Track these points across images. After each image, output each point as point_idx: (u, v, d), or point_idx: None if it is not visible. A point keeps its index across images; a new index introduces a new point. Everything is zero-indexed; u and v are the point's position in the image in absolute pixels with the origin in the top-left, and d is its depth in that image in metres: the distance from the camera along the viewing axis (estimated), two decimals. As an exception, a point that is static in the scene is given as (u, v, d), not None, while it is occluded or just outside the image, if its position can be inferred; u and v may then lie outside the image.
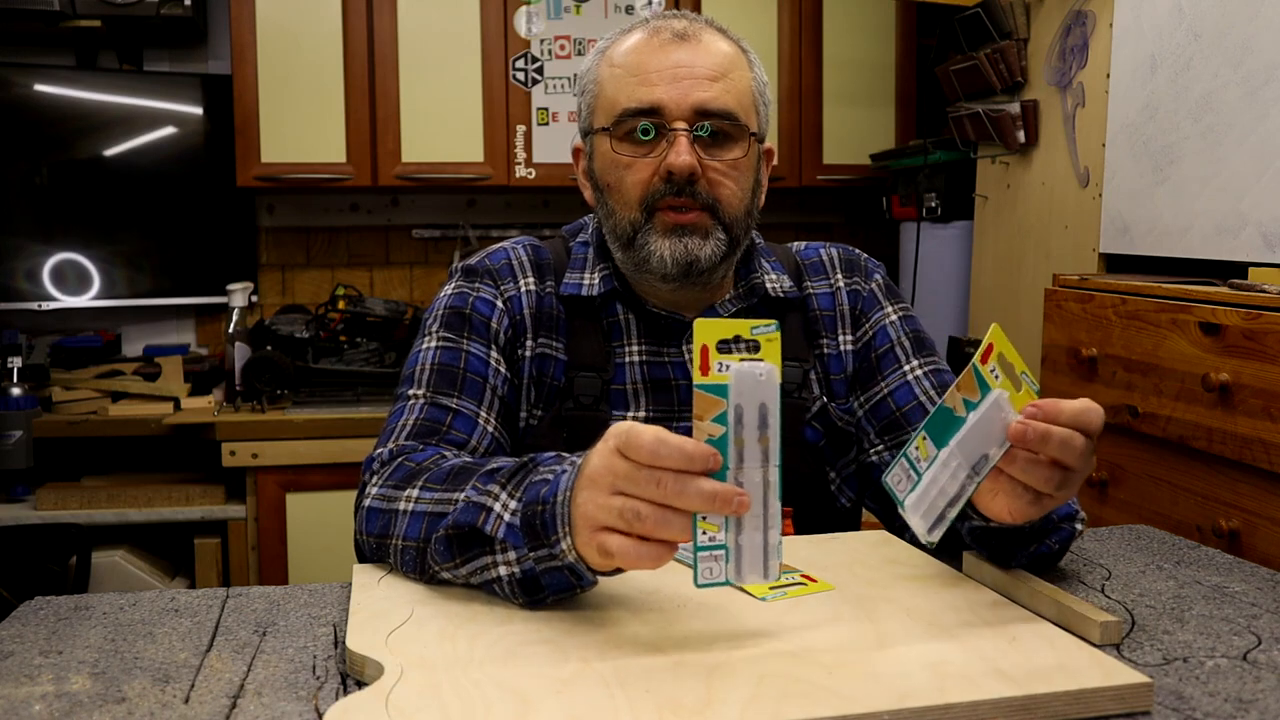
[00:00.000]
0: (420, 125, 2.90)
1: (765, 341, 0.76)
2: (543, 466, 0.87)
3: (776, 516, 0.76)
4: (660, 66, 1.10)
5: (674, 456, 0.73)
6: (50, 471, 2.73)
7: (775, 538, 0.76)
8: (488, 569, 0.87)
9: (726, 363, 0.75)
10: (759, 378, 0.75)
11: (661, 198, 1.10)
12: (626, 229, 1.13)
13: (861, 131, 3.13)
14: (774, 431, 0.76)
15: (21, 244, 2.87)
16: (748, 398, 0.75)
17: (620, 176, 1.12)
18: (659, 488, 0.74)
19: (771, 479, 0.76)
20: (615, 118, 1.12)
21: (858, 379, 1.23)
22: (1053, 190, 2.31)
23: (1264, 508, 1.48)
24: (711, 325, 0.76)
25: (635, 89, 1.11)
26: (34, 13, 2.68)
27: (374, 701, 0.69)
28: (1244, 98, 1.73)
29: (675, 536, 0.75)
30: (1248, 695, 0.74)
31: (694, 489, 0.73)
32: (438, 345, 1.15)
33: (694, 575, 0.76)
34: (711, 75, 1.10)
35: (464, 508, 0.88)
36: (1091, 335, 1.83)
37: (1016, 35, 2.39)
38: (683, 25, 1.13)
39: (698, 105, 1.09)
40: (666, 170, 1.09)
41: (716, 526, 0.75)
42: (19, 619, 0.90)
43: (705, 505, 0.74)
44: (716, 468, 0.74)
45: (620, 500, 0.76)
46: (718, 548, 0.76)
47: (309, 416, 2.66)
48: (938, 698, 0.69)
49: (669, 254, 1.11)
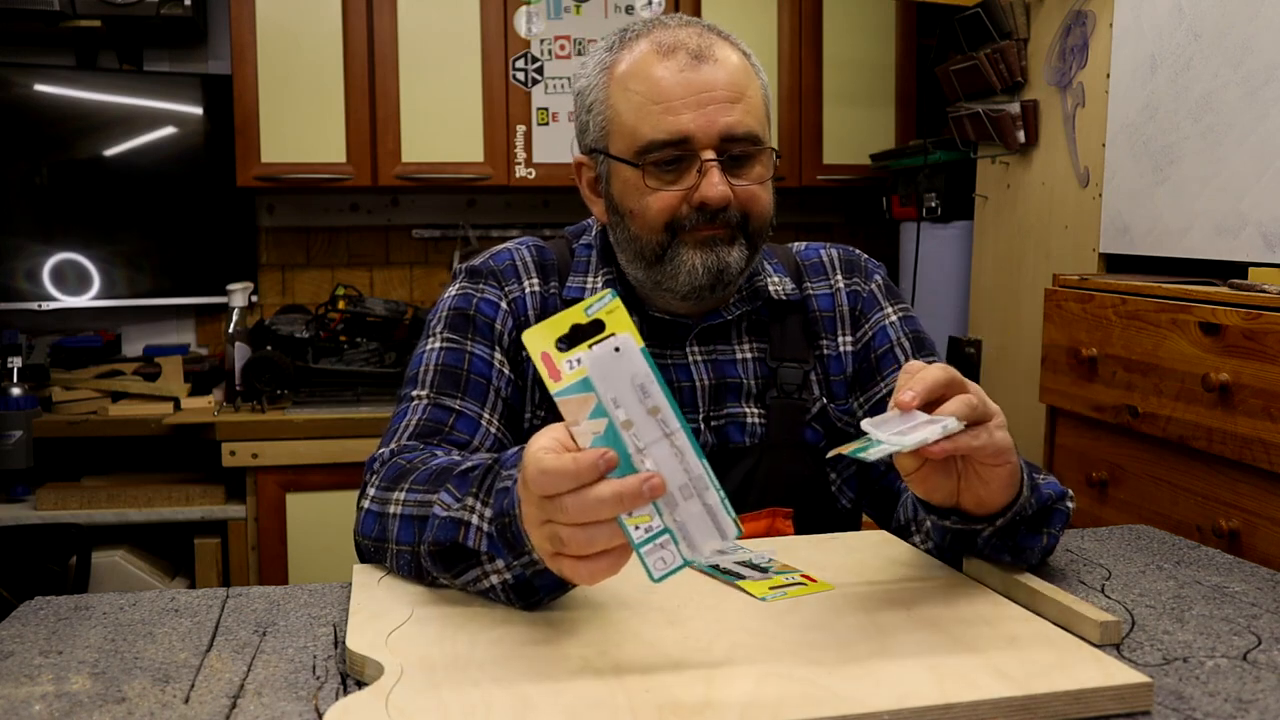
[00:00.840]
0: (420, 125, 2.90)
1: (607, 314, 0.73)
2: (504, 470, 0.85)
3: (704, 477, 0.72)
4: (683, 94, 1.08)
5: (562, 481, 0.71)
6: (50, 471, 2.73)
7: (714, 497, 0.72)
8: (480, 579, 0.87)
9: (576, 357, 0.72)
10: (616, 353, 0.72)
11: (693, 225, 1.10)
12: (654, 250, 1.12)
13: (861, 131, 3.13)
14: (659, 398, 0.72)
15: (21, 244, 2.87)
16: (615, 379, 0.72)
17: (643, 203, 1.11)
18: (565, 513, 0.72)
19: (680, 444, 0.72)
20: (640, 148, 1.10)
21: (858, 379, 1.23)
22: (1053, 190, 2.31)
23: (1264, 508, 1.48)
24: (540, 331, 0.73)
25: (660, 118, 1.08)
26: (34, 13, 2.68)
27: (374, 701, 0.69)
28: (1244, 98, 1.73)
29: (605, 546, 0.73)
30: (1248, 695, 0.74)
31: (594, 499, 0.71)
32: (441, 346, 1.15)
33: (647, 574, 0.72)
34: (731, 97, 1.09)
35: (443, 524, 0.88)
36: (1091, 335, 1.83)
37: (1016, 35, 2.39)
38: (695, 42, 1.10)
39: (724, 132, 1.08)
40: (700, 201, 1.08)
41: (648, 516, 0.72)
42: (19, 619, 0.90)
43: (616, 508, 0.71)
44: (612, 467, 0.71)
45: (547, 528, 0.75)
46: (659, 535, 0.72)
47: (309, 416, 2.66)
48: (938, 698, 0.69)
49: (700, 263, 1.10)
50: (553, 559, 0.77)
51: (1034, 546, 0.96)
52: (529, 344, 0.73)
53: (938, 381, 0.84)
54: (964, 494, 0.90)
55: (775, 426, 1.18)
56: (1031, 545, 0.96)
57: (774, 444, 1.18)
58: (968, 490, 0.89)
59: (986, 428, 0.85)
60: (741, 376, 1.19)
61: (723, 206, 1.09)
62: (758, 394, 1.19)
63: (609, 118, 1.13)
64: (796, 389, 1.19)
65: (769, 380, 1.20)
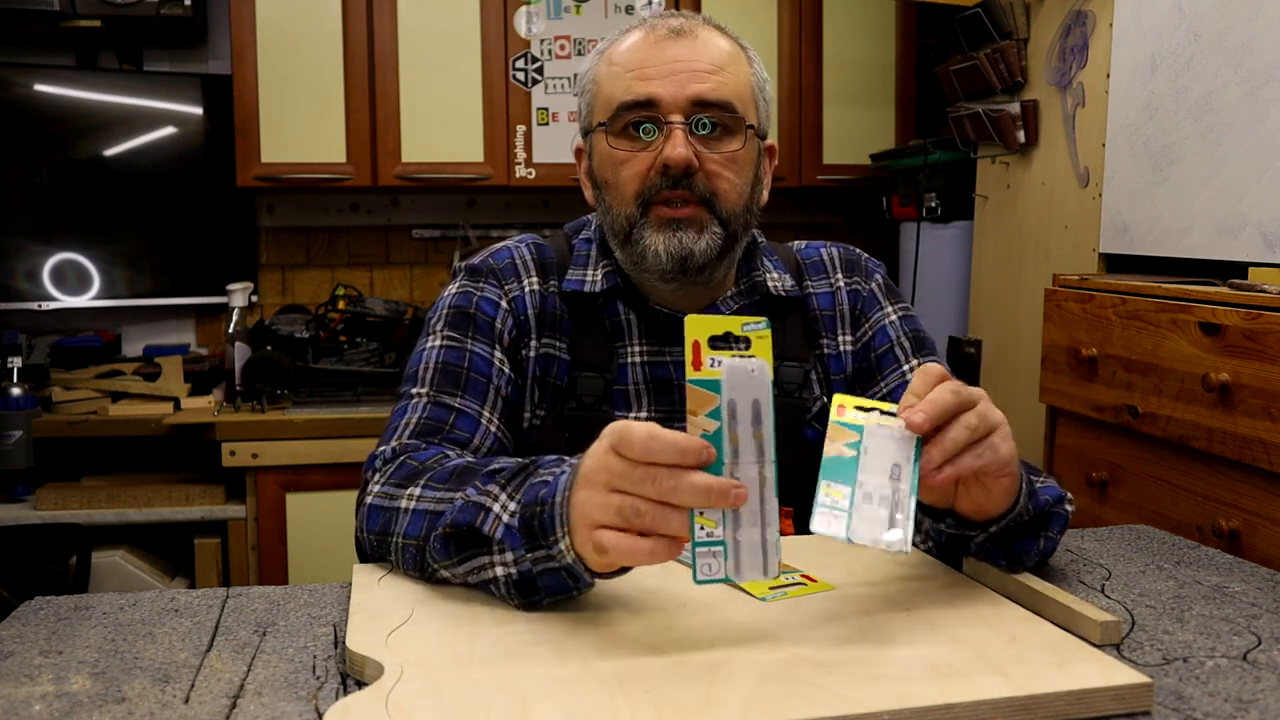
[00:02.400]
0: (420, 125, 2.90)
1: (756, 339, 0.77)
2: (543, 469, 0.87)
3: (774, 514, 0.76)
4: (656, 61, 1.10)
5: (667, 452, 0.73)
6: (50, 471, 2.73)
7: (773, 535, 0.76)
8: (485, 569, 0.87)
9: (718, 358, 0.75)
10: (751, 373, 0.75)
11: (658, 191, 1.10)
12: (623, 225, 1.13)
13: (861, 131, 3.13)
14: (768, 428, 0.76)
15: (21, 244, 2.87)
16: (740, 393, 0.75)
17: (617, 172, 1.12)
18: (654, 484, 0.74)
19: (767, 475, 0.76)
20: (611, 112, 1.12)
21: (857, 379, 1.23)
22: (1053, 190, 2.31)
23: (1264, 508, 1.48)
24: (703, 321, 0.76)
25: (631, 84, 1.11)
26: (34, 13, 2.68)
27: (374, 701, 0.69)
28: (1244, 98, 1.73)
29: (674, 531, 0.75)
30: (1248, 695, 0.74)
31: (688, 483, 0.73)
32: (442, 344, 1.15)
33: (693, 572, 0.75)
34: (709, 69, 1.11)
35: (463, 506, 0.88)
36: (1091, 335, 1.83)
37: (1016, 35, 2.39)
38: (680, 22, 1.13)
39: (694, 97, 1.09)
40: (663, 164, 1.09)
41: (714, 522, 0.75)
42: (19, 619, 0.90)
43: (700, 499, 0.73)
44: (710, 461, 0.74)
45: (618, 498, 0.76)
46: (716, 544, 0.75)
47: (309, 416, 2.66)
48: (938, 698, 0.69)
49: (663, 248, 1.10)
50: (596, 531, 0.77)
51: (1030, 551, 0.96)
52: (689, 327, 0.76)
53: (947, 407, 0.82)
54: (962, 499, 0.90)
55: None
56: (1027, 549, 0.95)
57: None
58: (966, 496, 0.89)
59: (990, 443, 0.84)
60: None
61: (684, 171, 1.09)
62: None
63: (594, 93, 1.16)
64: (797, 388, 1.19)
65: (769, 379, 1.20)
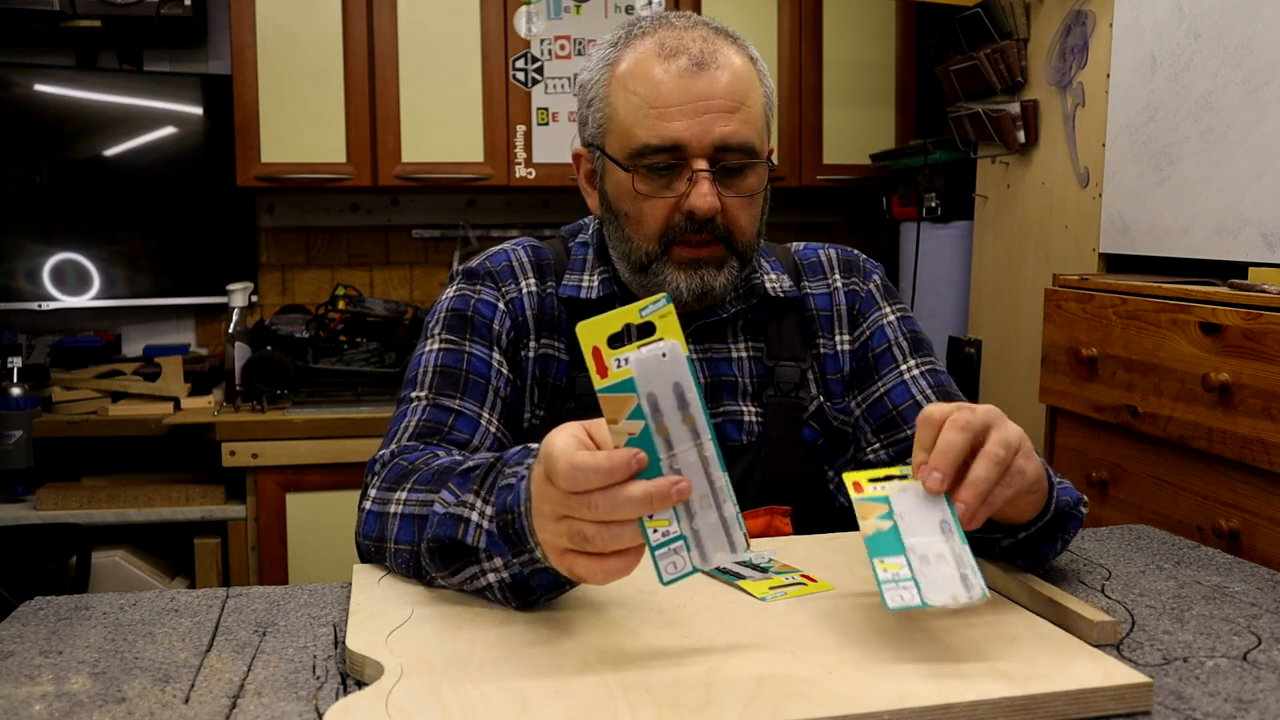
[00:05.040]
0: (420, 125, 2.90)
1: (659, 319, 0.73)
2: (508, 468, 0.85)
3: (725, 490, 0.74)
4: (680, 100, 1.07)
5: (594, 478, 0.71)
6: (50, 471, 2.73)
7: (730, 510, 0.74)
8: (477, 577, 0.87)
9: (624, 356, 0.72)
10: (663, 358, 0.72)
11: (682, 233, 1.10)
12: (641, 258, 1.13)
13: (861, 131, 3.13)
14: (696, 406, 0.73)
15: (21, 244, 2.87)
16: (658, 383, 0.72)
17: (639, 210, 1.11)
18: (591, 509, 0.72)
19: (708, 454, 0.73)
20: (633, 151, 1.10)
21: (855, 379, 1.23)
22: (1053, 190, 2.31)
23: (1264, 508, 1.48)
24: (595, 325, 0.73)
25: (655, 123, 1.08)
26: (34, 13, 2.68)
27: (374, 701, 0.69)
28: (1244, 98, 1.73)
29: (626, 545, 0.73)
30: (1248, 695, 0.74)
31: (625, 498, 0.71)
32: (440, 347, 1.15)
33: (657, 575, 0.73)
34: (729, 106, 1.08)
35: (443, 520, 0.88)
36: (1091, 335, 1.83)
37: (1016, 35, 2.39)
38: (699, 47, 1.09)
39: (718, 142, 1.08)
40: (689, 210, 1.09)
41: (667, 520, 0.73)
42: (19, 619, 0.90)
43: (643, 508, 0.71)
44: (642, 468, 0.72)
45: (566, 524, 0.74)
46: (674, 540, 0.73)
47: (309, 416, 2.66)
48: (938, 698, 0.69)
49: (684, 285, 1.11)
50: (563, 556, 0.76)
51: (1049, 553, 0.96)
52: (582, 336, 0.73)
53: (960, 452, 0.81)
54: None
55: (773, 424, 1.18)
56: (1047, 552, 0.96)
57: (772, 442, 1.18)
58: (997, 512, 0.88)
59: (1016, 468, 0.83)
60: (736, 375, 1.19)
61: (710, 218, 1.09)
62: (754, 392, 1.19)
63: (607, 115, 1.13)
64: (794, 388, 1.19)
65: (765, 379, 1.20)
